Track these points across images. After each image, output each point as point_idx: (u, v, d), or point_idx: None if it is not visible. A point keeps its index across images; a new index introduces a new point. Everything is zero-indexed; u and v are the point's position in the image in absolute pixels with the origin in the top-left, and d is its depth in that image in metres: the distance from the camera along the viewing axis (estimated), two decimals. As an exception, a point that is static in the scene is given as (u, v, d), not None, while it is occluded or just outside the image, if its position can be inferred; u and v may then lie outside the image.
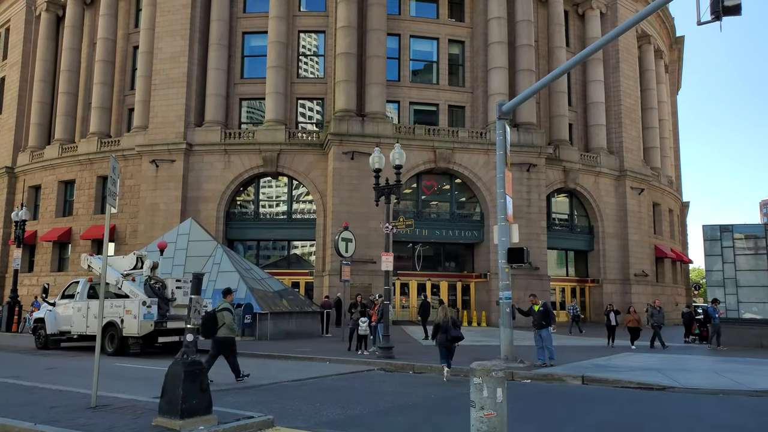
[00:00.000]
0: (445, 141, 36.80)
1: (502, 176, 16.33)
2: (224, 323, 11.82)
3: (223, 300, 12.35)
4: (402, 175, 35.45)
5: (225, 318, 11.85)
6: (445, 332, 13.28)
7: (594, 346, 22.87)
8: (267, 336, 23.86)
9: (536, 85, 16.13)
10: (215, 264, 26.77)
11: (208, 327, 11.62)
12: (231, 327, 11.85)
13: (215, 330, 11.76)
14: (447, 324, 13.36)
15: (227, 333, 11.87)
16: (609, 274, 41.97)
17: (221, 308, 11.96)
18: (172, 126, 38.16)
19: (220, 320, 11.80)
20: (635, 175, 43.45)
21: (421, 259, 39.32)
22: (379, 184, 17.93)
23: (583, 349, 20.53)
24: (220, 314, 11.87)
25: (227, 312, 11.95)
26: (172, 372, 7.70)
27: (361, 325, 18.17)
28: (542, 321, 15.82)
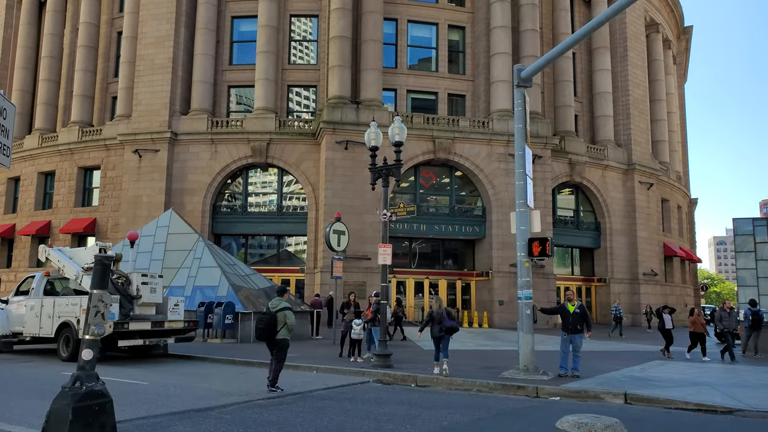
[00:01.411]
0: (444, 130, 34.22)
1: (521, 153, 13.77)
2: (285, 324, 10.86)
3: (280, 299, 11.28)
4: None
5: (287, 318, 10.89)
6: (439, 323, 12.83)
7: (615, 351, 20.32)
8: (250, 338, 21.19)
9: (560, 46, 13.60)
10: (196, 258, 24.12)
11: (268, 328, 10.74)
12: (291, 328, 10.96)
13: (276, 331, 10.82)
14: (441, 315, 12.91)
15: (286, 334, 10.94)
16: (617, 272, 39.49)
17: (281, 307, 10.92)
18: (156, 114, 35.49)
19: (281, 320, 10.85)
20: (644, 169, 40.98)
21: (417, 256, 36.78)
22: (375, 164, 15.37)
23: (605, 356, 17.94)
24: (281, 314, 10.87)
25: (289, 311, 10.98)
26: (56, 410, 5.11)
27: (355, 328, 15.59)
28: (578, 325, 13.13)
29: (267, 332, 10.77)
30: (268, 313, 10.98)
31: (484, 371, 14.04)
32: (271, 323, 10.76)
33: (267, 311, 11.11)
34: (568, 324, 13.18)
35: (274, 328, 10.78)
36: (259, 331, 10.84)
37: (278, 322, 10.82)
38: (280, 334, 10.83)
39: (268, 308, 11.10)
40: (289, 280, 35.17)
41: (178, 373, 13.40)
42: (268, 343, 10.96)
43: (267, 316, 10.90)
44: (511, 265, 34.23)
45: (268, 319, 10.79)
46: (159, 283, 16.10)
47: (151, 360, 15.85)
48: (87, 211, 37.15)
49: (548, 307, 13.92)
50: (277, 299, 11.24)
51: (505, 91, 35.78)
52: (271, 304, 11.10)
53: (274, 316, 10.82)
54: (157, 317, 15.73)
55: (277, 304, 11.03)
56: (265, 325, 10.75)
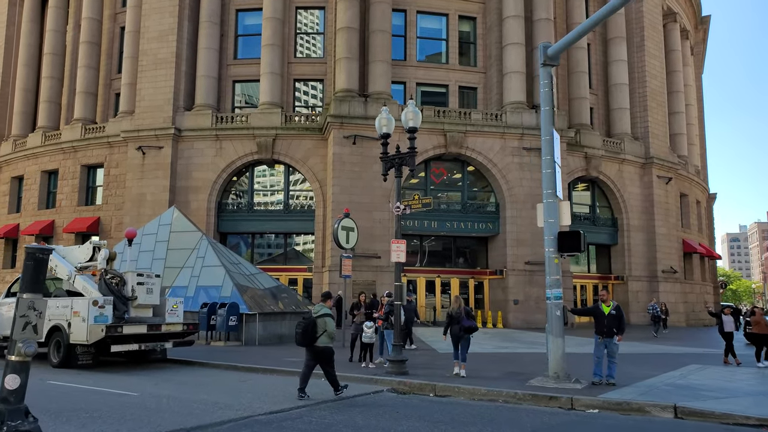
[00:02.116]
0: (456, 123, 32.94)
1: (549, 138, 12.47)
2: (325, 331, 10.44)
3: (323, 304, 10.90)
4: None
5: (327, 325, 10.47)
6: (458, 323, 12.72)
7: (644, 353, 18.98)
8: (255, 341, 20.09)
9: (588, 22, 12.32)
10: (199, 257, 23.02)
11: (306, 334, 10.35)
12: (332, 335, 10.57)
13: (315, 338, 10.40)
14: (460, 314, 12.80)
15: (327, 342, 10.52)
16: (634, 270, 38.03)
17: (321, 313, 10.53)
18: (159, 110, 34.46)
19: (321, 327, 10.41)
20: (662, 163, 39.48)
21: (428, 254, 35.55)
22: (387, 153, 14.14)
23: (635, 359, 16.61)
24: (321, 320, 10.43)
25: (329, 318, 10.57)
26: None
27: (366, 331, 14.38)
28: (613, 328, 11.84)
29: (305, 338, 10.38)
30: (307, 318, 10.60)
31: (509, 378, 12.81)
32: (309, 329, 10.35)
33: (305, 316, 10.77)
34: (602, 327, 11.87)
35: (313, 334, 10.37)
36: (298, 336, 10.50)
37: (318, 328, 10.40)
38: (320, 341, 10.41)
39: (310, 313, 10.76)
40: (297, 279, 34.06)
41: (174, 381, 12.27)
42: (307, 349, 10.58)
43: (306, 321, 10.51)
44: (526, 263, 32.96)
45: (306, 325, 10.40)
46: (156, 283, 14.98)
47: (148, 366, 14.73)
48: (90, 210, 36.20)
49: (579, 308, 12.63)
50: (319, 305, 10.84)
51: (519, 82, 34.49)
52: (313, 309, 10.73)
53: (313, 321, 10.42)
54: (154, 320, 14.61)
55: (318, 309, 10.64)
56: (303, 330, 10.37)
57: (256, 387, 11.73)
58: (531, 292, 32.82)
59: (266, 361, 15.25)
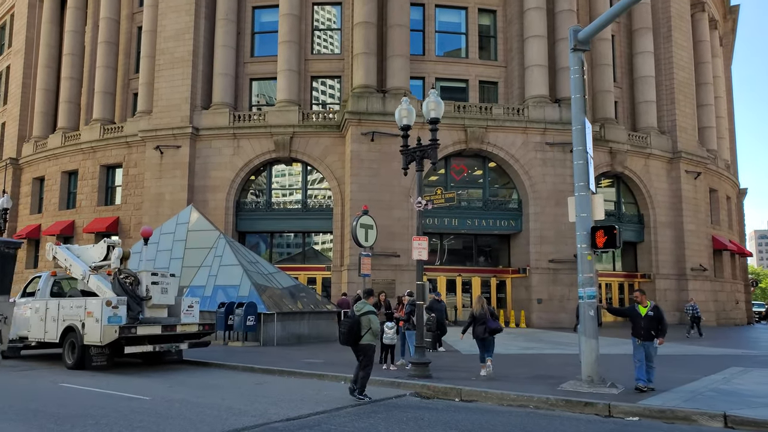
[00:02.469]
0: (477, 119, 32.17)
1: (580, 128, 11.72)
2: (370, 329, 10.28)
3: (365, 302, 10.68)
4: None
5: (372, 322, 10.32)
6: (483, 324, 12.67)
7: (679, 355, 18.06)
8: (273, 341, 19.62)
9: (621, 3, 11.53)
10: (217, 257, 22.65)
11: (352, 333, 10.21)
12: (376, 333, 10.42)
13: (360, 336, 10.25)
14: (484, 315, 12.73)
15: (371, 340, 10.34)
16: (662, 268, 36.83)
17: (365, 311, 10.38)
18: (177, 109, 34.25)
19: (365, 325, 10.28)
20: (690, 158, 38.20)
21: (448, 253, 34.80)
22: (408, 145, 13.52)
23: (671, 361, 15.75)
24: (365, 318, 10.30)
25: (373, 315, 10.43)
26: None
27: (387, 332, 13.75)
28: (651, 330, 10.96)
29: (350, 337, 10.24)
30: (351, 316, 10.48)
31: (539, 382, 12.11)
32: (354, 327, 10.21)
33: (350, 314, 10.63)
34: (639, 329, 10.98)
35: (358, 332, 10.22)
36: (342, 335, 10.38)
37: (362, 326, 10.26)
38: (364, 339, 10.26)
39: (353, 311, 10.60)
40: (315, 278, 33.61)
41: (188, 384, 11.79)
42: (352, 348, 10.44)
43: (350, 320, 10.41)
44: (549, 261, 32.08)
45: (351, 323, 10.29)
46: (171, 282, 14.55)
47: (163, 368, 14.30)
48: (110, 210, 36.18)
49: (616, 307, 11.79)
50: (362, 302, 10.66)
51: (541, 76, 33.59)
52: (355, 307, 10.57)
53: (357, 320, 10.28)
54: (169, 320, 14.19)
55: (361, 307, 10.48)
56: (347, 329, 10.24)
57: (272, 390, 11.20)
58: (555, 291, 31.94)
59: (284, 362, 14.74)
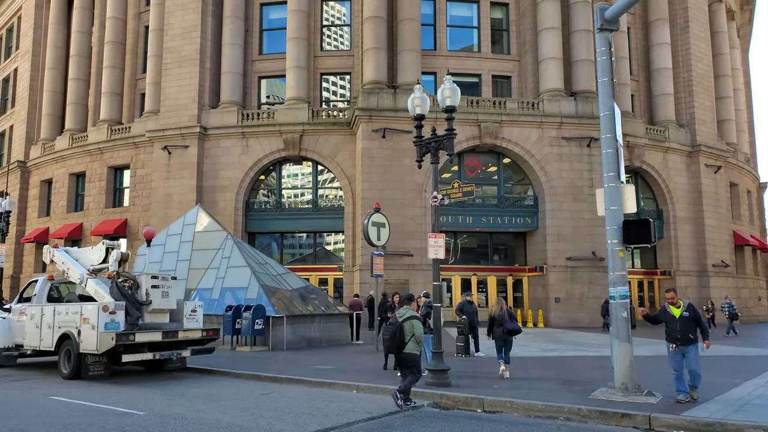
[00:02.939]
0: (490, 113, 31.15)
1: (608, 114, 10.71)
2: (413, 335, 9.62)
3: (408, 307, 10.04)
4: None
5: (415, 328, 9.65)
6: (500, 325, 12.67)
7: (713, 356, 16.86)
8: (283, 345, 18.75)
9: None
10: (224, 258, 21.80)
11: (395, 341, 9.60)
12: (419, 340, 9.74)
13: (404, 343, 9.61)
14: (502, 316, 12.74)
15: (414, 348, 9.70)
16: (682, 264, 35.57)
17: (407, 317, 9.74)
18: (184, 108, 33.56)
19: (408, 332, 9.62)
20: (710, 151, 36.89)
21: (462, 251, 33.82)
22: (421, 136, 12.60)
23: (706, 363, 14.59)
24: (408, 324, 9.65)
25: (416, 321, 9.77)
26: None
27: None
28: (689, 333, 9.71)
29: (393, 344, 9.64)
30: (393, 323, 9.79)
31: (566, 388, 11.13)
32: (396, 334, 9.59)
33: (392, 321, 9.94)
34: (674, 333, 9.79)
35: (401, 339, 9.60)
36: (386, 342, 9.86)
37: (405, 333, 9.61)
38: (408, 347, 9.63)
39: (395, 318, 9.95)
40: (327, 279, 32.77)
41: (189, 396, 10.93)
42: (395, 356, 9.90)
43: (393, 326, 9.71)
44: (567, 258, 30.99)
45: (393, 330, 9.64)
46: (173, 285, 13.70)
47: (165, 376, 13.45)
48: (118, 212, 35.57)
49: (650, 314, 10.68)
50: (404, 308, 10.03)
51: (556, 69, 32.51)
52: (398, 313, 9.98)
53: (400, 326, 9.64)
54: (171, 326, 13.34)
55: (404, 313, 9.84)
56: (390, 336, 9.65)
57: (278, 402, 10.29)
58: (573, 290, 30.84)
59: (292, 369, 13.85)
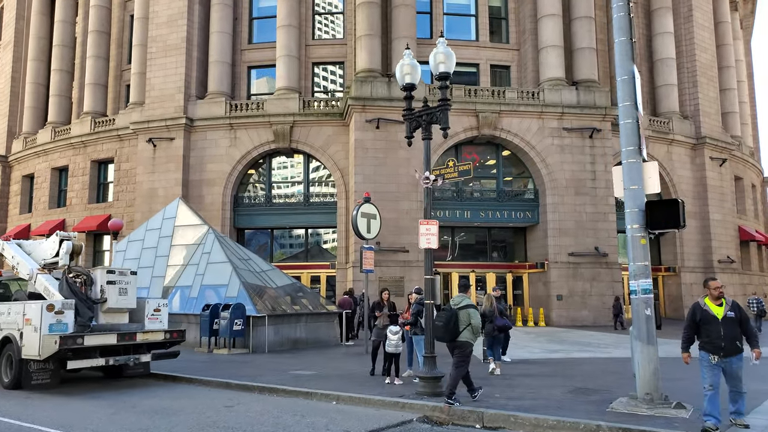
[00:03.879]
0: (489, 103, 29.48)
1: (627, 78, 9.03)
2: (469, 324, 9.10)
3: (464, 295, 9.57)
4: (440, 145, 28.59)
5: (472, 317, 9.13)
6: (491, 322, 12.53)
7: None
8: (264, 347, 17.06)
9: None
10: (205, 254, 20.11)
11: (447, 328, 9.05)
12: (476, 330, 9.21)
13: (458, 332, 9.07)
14: (493, 313, 12.68)
15: (469, 337, 9.16)
16: (687, 260, 33.95)
17: (464, 305, 9.23)
18: (170, 99, 31.82)
19: (464, 320, 9.10)
20: (715, 143, 35.27)
21: (460, 247, 32.18)
22: (412, 108, 10.97)
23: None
24: (464, 312, 9.13)
25: (473, 310, 9.26)
26: None
27: (391, 338, 11.14)
28: (736, 340, 7.19)
29: (446, 332, 9.02)
30: (447, 309, 9.25)
31: (579, 398, 9.47)
32: (451, 322, 8.99)
33: (446, 308, 9.34)
34: (717, 339, 7.20)
35: (456, 328, 9.01)
36: (438, 329, 9.18)
37: (461, 321, 9.05)
38: (462, 336, 9.04)
39: (449, 305, 9.39)
40: (320, 276, 31.09)
41: (139, 409, 9.21)
42: (448, 345, 9.23)
43: (447, 313, 9.13)
44: (569, 254, 29.33)
45: (448, 316, 9.03)
46: (132, 281, 11.98)
47: (122, 385, 11.71)
48: (101, 208, 33.80)
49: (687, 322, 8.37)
50: (459, 296, 9.52)
51: (557, 57, 30.84)
52: (453, 301, 9.41)
53: (455, 313, 9.06)
54: (129, 327, 11.64)
55: (459, 300, 9.31)
56: (444, 323, 9.01)
57: (240, 418, 8.58)
58: (575, 287, 29.18)
59: (268, 375, 12.17)
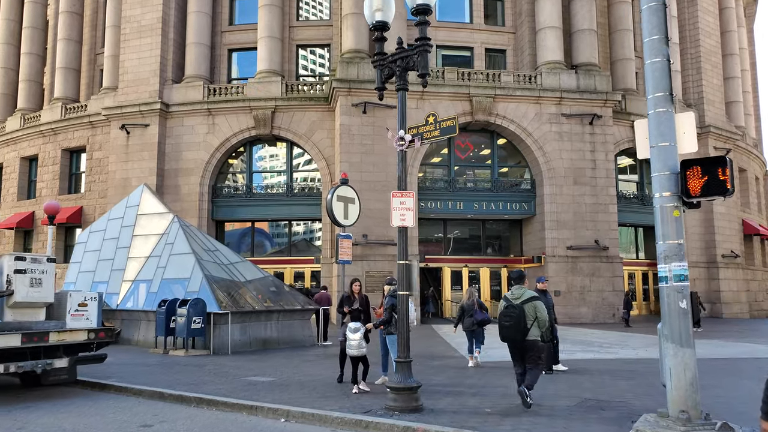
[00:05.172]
0: (483, 87, 27.35)
1: (655, 5, 6.92)
2: (536, 318, 7.72)
3: (522, 287, 8.12)
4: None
5: (538, 310, 7.75)
6: (470, 316, 11.99)
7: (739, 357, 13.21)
8: (227, 348, 14.86)
9: None
10: (168, 244, 17.86)
11: (518, 326, 7.61)
12: (544, 324, 7.81)
13: (527, 330, 7.65)
14: (472, 307, 12.07)
15: (537, 334, 7.78)
16: (690, 255, 31.75)
17: (526, 298, 7.83)
18: (145, 83, 29.54)
19: (530, 315, 7.70)
20: (719, 133, 33.27)
21: (452, 240, 30.07)
22: (383, 52, 8.86)
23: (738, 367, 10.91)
24: (529, 306, 7.74)
25: (539, 302, 7.87)
26: None
27: (351, 338, 8.89)
28: None
29: (516, 331, 7.80)
30: (511, 305, 7.94)
31: (591, 414, 7.34)
32: (520, 319, 7.76)
33: (509, 304, 8.01)
34: None
35: (524, 325, 7.77)
36: (506, 330, 7.90)
37: (527, 317, 7.81)
38: (531, 333, 7.82)
39: (508, 300, 8.07)
40: (304, 272, 28.92)
41: (33, 428, 7.03)
42: (514, 345, 7.95)
43: (514, 310, 7.86)
44: (568, 248, 27.26)
45: (517, 315, 7.79)
46: (49, 270, 9.75)
47: (30, 395, 9.43)
48: (73, 199, 31.49)
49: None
50: (518, 287, 8.18)
51: (555, 39, 28.74)
52: (511, 295, 8.07)
53: (521, 309, 7.82)
54: (41, 326, 9.44)
55: (520, 293, 8.02)
56: (514, 322, 7.79)
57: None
58: (574, 282, 27.12)
59: (215, 383, 9.98)
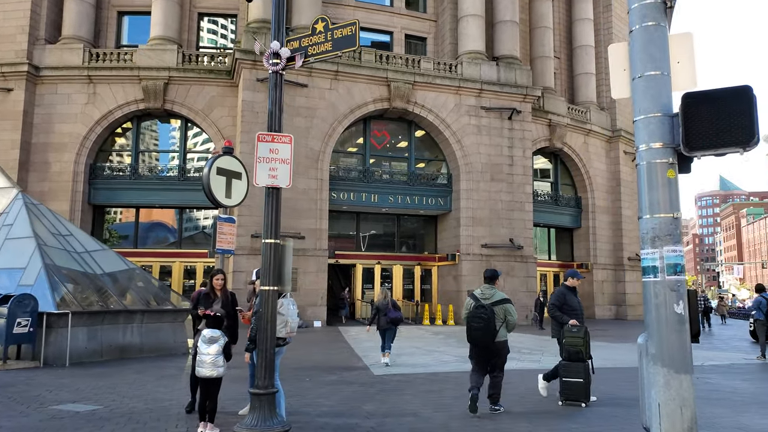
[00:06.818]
0: (402, 72, 24.97)
1: None
2: (505, 320, 7.06)
3: (492, 286, 7.20)
4: (346, 115, 23.85)
5: (508, 312, 7.07)
6: (385, 315, 11.78)
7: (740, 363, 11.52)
8: (65, 358, 11.23)
9: None
10: (6, 225, 13.82)
11: (488, 329, 6.89)
12: (513, 326, 7.14)
13: (495, 331, 6.97)
14: (386, 306, 11.85)
15: (505, 335, 7.15)
16: (600, 257, 31.43)
17: (498, 299, 7.06)
18: (10, 41, 24.56)
19: (500, 317, 7.03)
20: (630, 137, 33.03)
21: (365, 237, 27.50)
22: None
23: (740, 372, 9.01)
24: (500, 308, 7.02)
25: (509, 305, 7.13)
26: None
27: (203, 353, 5.98)
28: None
29: (487, 333, 6.87)
30: (480, 305, 6.95)
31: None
32: (490, 321, 6.86)
33: (479, 304, 6.97)
34: None
35: (494, 327, 6.88)
36: (477, 332, 6.92)
37: (497, 318, 6.95)
38: (500, 335, 6.97)
39: (477, 299, 7.04)
40: (196, 267, 25.16)
41: None
42: (484, 348, 6.97)
43: (484, 311, 6.87)
44: (482, 245, 25.46)
45: (488, 316, 6.86)
46: None
47: None
48: None
49: None
50: (487, 287, 7.13)
51: (477, 28, 26.96)
52: (480, 294, 7.07)
53: (492, 311, 6.89)
54: None
55: (491, 294, 7.07)
56: (485, 324, 6.85)
57: None
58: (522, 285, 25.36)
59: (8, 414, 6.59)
